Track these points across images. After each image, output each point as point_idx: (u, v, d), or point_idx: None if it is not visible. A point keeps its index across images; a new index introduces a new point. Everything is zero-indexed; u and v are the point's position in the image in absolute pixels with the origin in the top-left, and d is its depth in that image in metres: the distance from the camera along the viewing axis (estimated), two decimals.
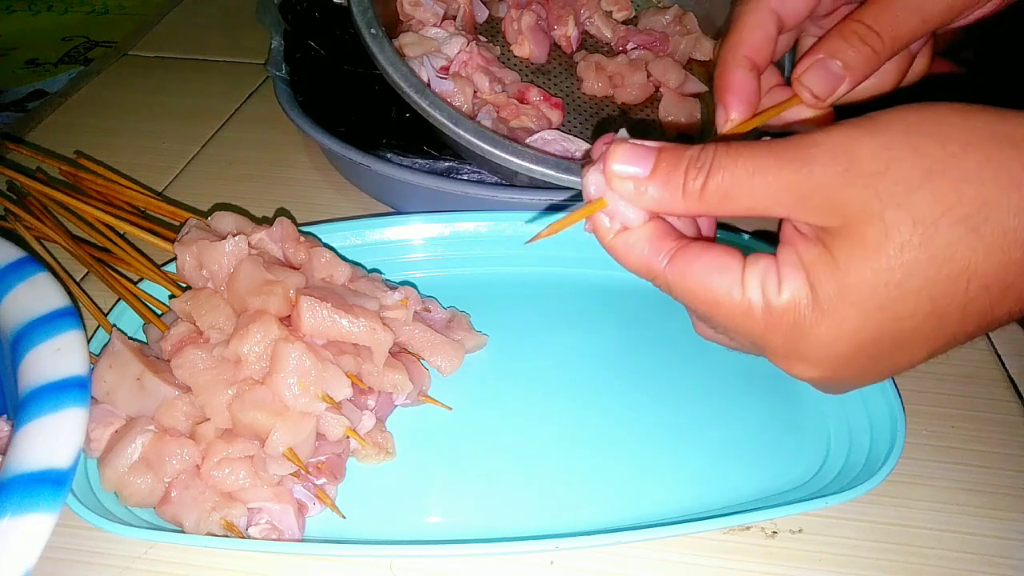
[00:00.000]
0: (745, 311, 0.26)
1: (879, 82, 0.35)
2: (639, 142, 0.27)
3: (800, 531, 0.36)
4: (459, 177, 0.52)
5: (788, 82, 0.35)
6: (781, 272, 0.26)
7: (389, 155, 0.52)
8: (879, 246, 0.24)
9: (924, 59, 0.37)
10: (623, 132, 0.28)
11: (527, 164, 0.46)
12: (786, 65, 0.45)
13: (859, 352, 0.26)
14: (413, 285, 0.44)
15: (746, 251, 0.27)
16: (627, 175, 0.27)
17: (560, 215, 0.30)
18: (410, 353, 0.42)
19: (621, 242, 0.28)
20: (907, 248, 0.24)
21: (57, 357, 0.34)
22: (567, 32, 0.61)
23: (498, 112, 0.53)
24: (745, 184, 0.25)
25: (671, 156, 0.26)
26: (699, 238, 0.29)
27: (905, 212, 0.23)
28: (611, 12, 0.65)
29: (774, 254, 0.27)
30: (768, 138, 0.26)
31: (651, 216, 0.28)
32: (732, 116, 0.34)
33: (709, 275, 0.27)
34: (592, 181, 0.28)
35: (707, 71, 0.62)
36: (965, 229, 0.23)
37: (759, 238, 0.49)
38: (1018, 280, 0.24)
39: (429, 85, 0.50)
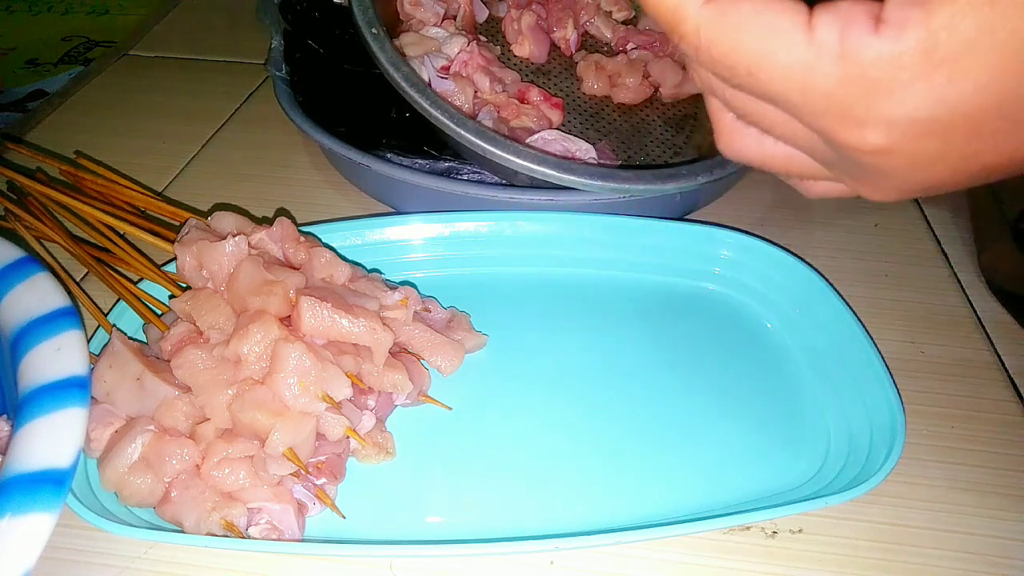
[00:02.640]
0: (811, 62, 0.20)
1: None
2: None
3: (800, 531, 0.36)
4: (459, 177, 0.52)
5: None
6: (888, 8, 0.19)
7: (389, 155, 0.52)
8: None
9: None
10: None
11: (527, 164, 0.46)
12: None
13: (962, 121, 0.20)
14: (413, 285, 0.44)
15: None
16: None
17: None
18: (410, 353, 0.42)
19: None
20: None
21: (57, 357, 0.34)
22: (566, 35, 0.61)
23: (499, 112, 0.54)
24: None
25: None
26: None
27: None
28: (611, 12, 0.65)
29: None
30: None
31: None
32: None
33: (761, 16, 0.20)
34: None
35: None
36: None
37: (745, 231, 0.49)
38: None
39: (430, 85, 0.50)
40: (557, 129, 0.54)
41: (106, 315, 0.43)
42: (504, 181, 0.51)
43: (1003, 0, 0.18)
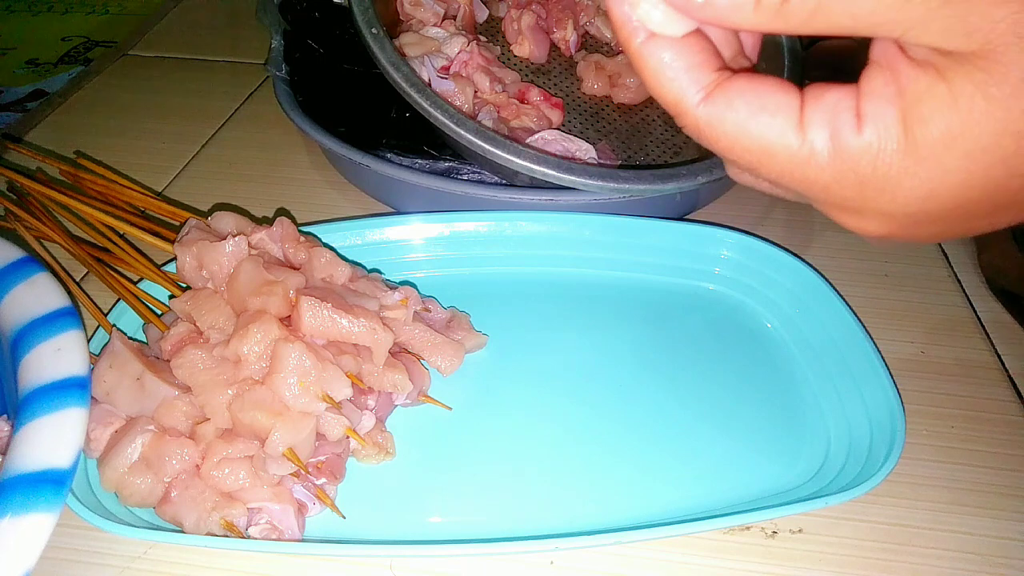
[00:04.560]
0: (804, 160, 0.21)
1: None
2: None
3: (800, 531, 0.36)
4: (459, 177, 0.52)
5: None
6: (864, 106, 0.20)
7: (389, 155, 0.52)
8: (1018, 93, 0.18)
9: None
10: None
11: (528, 164, 0.46)
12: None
13: (954, 211, 0.21)
14: (413, 285, 0.44)
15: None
16: None
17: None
18: (410, 353, 0.42)
19: (653, 56, 0.22)
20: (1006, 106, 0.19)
21: (57, 357, 0.34)
22: (566, 36, 0.61)
23: (499, 112, 0.54)
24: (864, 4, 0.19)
25: None
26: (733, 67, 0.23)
27: None
28: None
29: (851, 85, 0.21)
30: None
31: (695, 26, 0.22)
32: None
33: (756, 117, 0.21)
34: None
35: None
36: None
37: (750, 233, 0.49)
38: None
39: (430, 85, 0.50)
40: (557, 129, 0.54)
41: (106, 315, 0.43)
42: (504, 181, 0.51)
43: (972, 100, 0.19)
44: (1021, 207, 0.21)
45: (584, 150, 0.52)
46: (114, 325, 0.41)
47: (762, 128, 0.21)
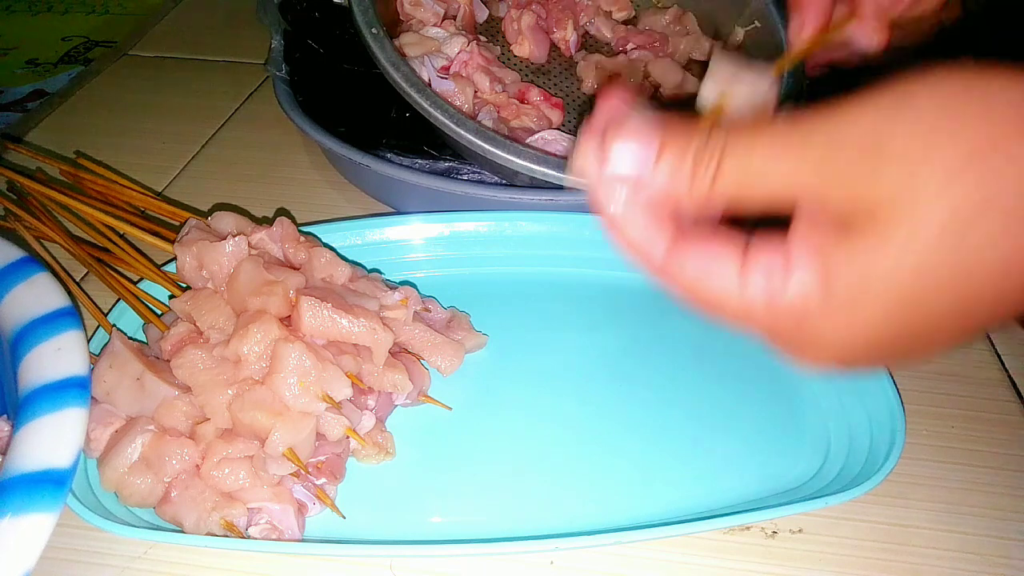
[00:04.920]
0: (748, 308, 0.24)
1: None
2: (640, 122, 0.24)
3: (800, 531, 0.36)
4: (459, 177, 0.52)
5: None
6: (790, 261, 0.23)
7: (389, 155, 0.52)
8: (912, 238, 0.21)
9: None
10: (622, 107, 0.25)
11: (528, 164, 0.46)
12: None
13: (875, 345, 0.24)
14: (413, 285, 0.44)
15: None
16: (629, 164, 0.24)
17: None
18: (410, 353, 0.42)
19: (625, 216, 0.26)
20: (944, 240, 0.21)
21: (57, 357, 0.34)
22: (566, 36, 0.61)
23: (499, 112, 0.54)
24: (763, 169, 0.23)
25: (678, 139, 0.24)
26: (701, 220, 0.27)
27: (944, 203, 0.21)
28: (611, 12, 0.65)
29: (781, 238, 0.24)
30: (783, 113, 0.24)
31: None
32: (806, 31, 0.33)
33: (707, 271, 0.25)
34: (591, 162, 0.25)
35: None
36: (1009, 220, 0.21)
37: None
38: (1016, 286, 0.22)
39: (430, 85, 0.50)
40: (557, 129, 0.54)
41: (106, 315, 0.43)
42: (504, 181, 0.51)
43: (873, 253, 0.22)
44: (952, 336, 0.24)
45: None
46: (114, 325, 0.41)
47: (713, 280, 0.25)
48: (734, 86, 0.27)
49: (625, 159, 0.24)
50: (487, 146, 0.46)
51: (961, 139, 0.21)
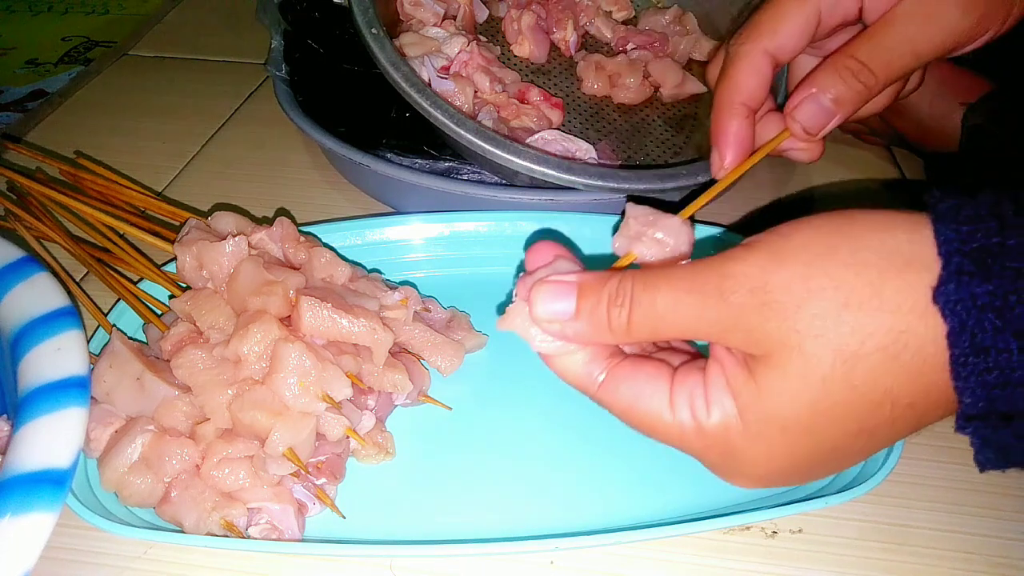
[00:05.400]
0: (679, 433, 0.27)
1: (871, 106, 0.36)
2: (558, 279, 0.27)
3: (800, 531, 0.36)
4: (459, 177, 0.52)
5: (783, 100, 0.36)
6: (709, 393, 0.26)
7: (389, 155, 0.52)
8: (802, 376, 0.24)
9: (916, 78, 0.37)
10: (548, 258, 0.29)
11: (528, 164, 0.46)
12: (782, 86, 0.46)
13: (794, 468, 0.27)
14: (413, 285, 0.44)
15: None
16: (553, 318, 0.27)
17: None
18: (410, 353, 0.42)
19: (559, 361, 0.29)
20: (830, 377, 0.24)
21: (57, 357, 0.34)
22: (566, 36, 0.61)
23: (499, 112, 0.54)
24: (668, 317, 0.25)
25: (591, 292, 0.27)
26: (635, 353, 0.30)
27: (825, 343, 0.24)
28: (611, 12, 0.65)
29: (702, 369, 0.27)
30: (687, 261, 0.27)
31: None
32: (727, 164, 0.35)
33: (639, 397, 0.27)
34: (521, 321, 0.28)
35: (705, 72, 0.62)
36: (885, 357, 0.23)
37: (735, 230, 0.49)
38: (942, 396, 0.24)
39: (430, 85, 0.50)
40: (557, 129, 0.54)
41: (106, 315, 0.43)
42: (504, 181, 0.51)
43: (772, 390, 0.25)
44: (862, 452, 0.26)
45: (584, 150, 0.52)
46: (114, 325, 0.41)
47: (644, 405, 0.27)
48: (644, 237, 0.29)
49: (549, 310, 0.27)
50: (487, 146, 0.46)
51: (837, 287, 0.24)
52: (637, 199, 0.32)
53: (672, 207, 0.32)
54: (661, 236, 0.29)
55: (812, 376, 0.24)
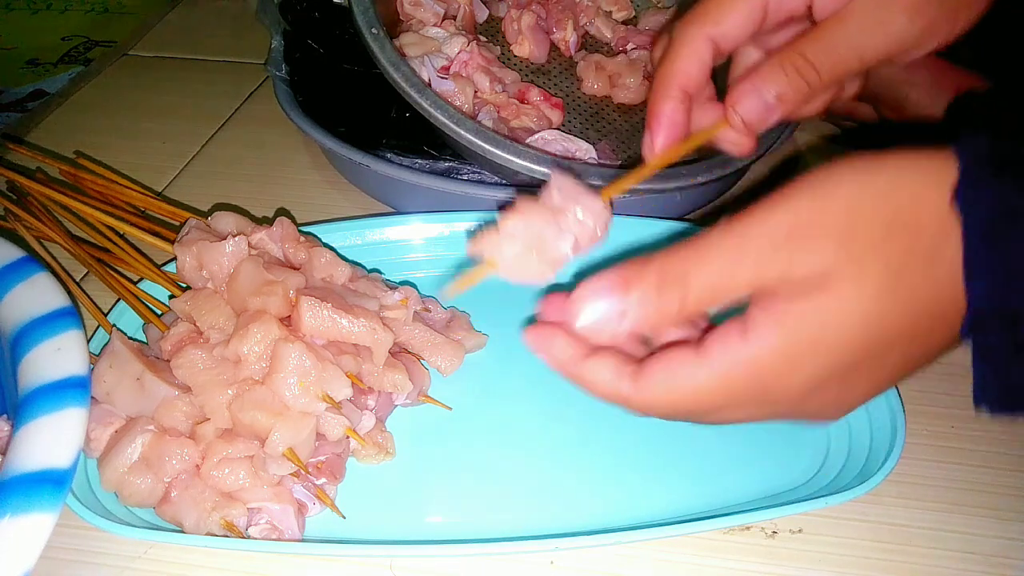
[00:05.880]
0: (719, 376, 0.27)
1: (808, 108, 0.36)
2: (597, 284, 0.28)
3: (800, 531, 0.36)
4: (459, 177, 0.52)
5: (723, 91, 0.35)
6: (748, 325, 0.26)
7: (389, 155, 0.52)
8: (856, 292, 0.25)
9: (854, 85, 0.37)
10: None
11: (528, 164, 0.46)
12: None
13: (839, 386, 0.27)
14: (413, 285, 0.44)
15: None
16: (603, 317, 0.27)
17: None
18: (410, 353, 0.42)
19: (588, 372, 0.29)
20: (881, 291, 0.25)
21: (57, 357, 0.34)
22: (566, 36, 0.61)
23: (499, 112, 0.54)
24: (727, 281, 0.26)
25: (639, 281, 0.28)
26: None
27: (876, 263, 0.25)
28: (611, 12, 0.65)
29: (732, 321, 0.27)
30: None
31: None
32: (657, 146, 0.35)
33: (672, 374, 0.27)
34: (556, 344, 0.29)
35: None
36: (927, 271, 0.25)
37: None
38: (935, 324, 0.26)
39: (430, 85, 0.50)
40: (557, 129, 0.54)
41: (106, 315, 0.43)
42: (504, 181, 0.51)
43: (821, 307, 0.25)
44: (895, 369, 0.28)
45: (584, 150, 0.52)
46: (114, 325, 0.41)
47: (679, 379, 0.27)
48: (566, 214, 0.29)
49: (597, 310, 0.28)
50: (487, 146, 0.46)
51: (876, 216, 0.25)
52: (565, 171, 0.32)
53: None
54: (588, 204, 0.29)
55: (864, 290, 0.25)
